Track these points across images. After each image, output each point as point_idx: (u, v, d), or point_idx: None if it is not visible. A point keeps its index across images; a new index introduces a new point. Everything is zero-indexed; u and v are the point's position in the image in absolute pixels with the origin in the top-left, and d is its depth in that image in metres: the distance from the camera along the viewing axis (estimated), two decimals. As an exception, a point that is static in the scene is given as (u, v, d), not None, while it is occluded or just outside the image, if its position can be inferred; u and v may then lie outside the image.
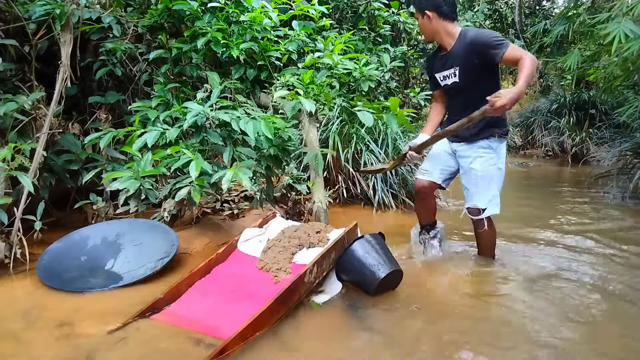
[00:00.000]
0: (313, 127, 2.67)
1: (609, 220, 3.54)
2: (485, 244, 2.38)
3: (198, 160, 1.91)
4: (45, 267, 2.02)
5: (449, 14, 2.15)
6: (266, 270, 1.91)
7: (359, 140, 3.76)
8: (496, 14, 10.01)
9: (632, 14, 3.63)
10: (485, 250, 2.40)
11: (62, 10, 2.27)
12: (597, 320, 1.79)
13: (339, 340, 1.59)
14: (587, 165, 7.21)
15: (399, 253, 2.42)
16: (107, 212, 2.53)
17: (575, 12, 5.20)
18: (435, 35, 2.20)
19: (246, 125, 2.00)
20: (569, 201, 4.42)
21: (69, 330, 1.58)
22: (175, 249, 2.17)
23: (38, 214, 2.15)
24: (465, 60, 2.11)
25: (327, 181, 3.58)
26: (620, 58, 4.03)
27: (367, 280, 1.90)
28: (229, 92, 2.69)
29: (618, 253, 2.68)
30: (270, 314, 1.60)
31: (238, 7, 2.69)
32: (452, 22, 2.17)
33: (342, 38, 2.85)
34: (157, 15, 2.69)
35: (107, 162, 2.54)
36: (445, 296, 2.01)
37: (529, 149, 9.49)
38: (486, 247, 2.39)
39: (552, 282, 2.18)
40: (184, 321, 1.64)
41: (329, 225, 2.26)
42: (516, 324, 1.74)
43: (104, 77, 2.71)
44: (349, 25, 4.59)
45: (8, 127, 2.23)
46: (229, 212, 2.83)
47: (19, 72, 2.47)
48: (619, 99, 6.96)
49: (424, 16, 2.18)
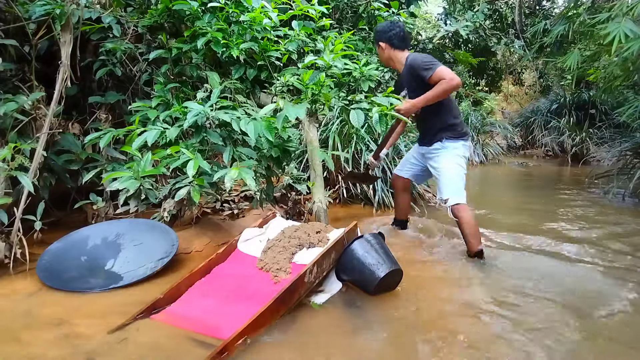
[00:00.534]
0: (313, 127, 2.67)
1: (609, 221, 3.54)
2: (465, 233, 2.49)
3: (196, 159, 1.90)
4: (45, 267, 2.02)
5: (399, 44, 2.59)
6: (266, 270, 1.91)
7: (359, 140, 3.76)
8: (496, 14, 10.00)
9: (632, 14, 3.63)
10: (467, 237, 2.49)
11: (62, 10, 2.27)
12: (599, 321, 1.79)
13: (339, 340, 1.59)
14: (587, 165, 7.21)
15: (398, 253, 2.42)
16: (107, 212, 2.53)
17: (575, 12, 5.20)
18: (389, 61, 2.66)
19: (247, 126, 2.00)
20: (569, 201, 4.42)
21: (69, 330, 1.58)
22: (175, 249, 2.17)
23: (38, 214, 2.15)
24: (408, 82, 2.53)
25: (327, 181, 3.58)
26: (620, 58, 4.03)
27: (367, 279, 1.90)
28: (229, 92, 2.69)
29: (618, 253, 2.68)
30: (271, 314, 1.60)
31: (238, 7, 2.69)
32: (402, 51, 2.60)
33: (342, 38, 2.85)
34: (157, 15, 2.68)
35: (107, 162, 2.54)
36: (445, 296, 2.01)
37: (529, 149, 9.49)
38: (467, 235, 2.49)
39: (552, 282, 2.18)
40: (184, 321, 1.64)
41: (329, 225, 2.26)
42: (516, 322, 1.74)
43: (104, 77, 2.70)
44: (349, 25, 4.59)
45: (8, 127, 2.23)
46: (229, 212, 2.83)
47: (19, 72, 2.47)
48: (619, 99, 6.96)
49: (378, 47, 2.64)
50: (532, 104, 10.55)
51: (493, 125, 9.12)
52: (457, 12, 9.22)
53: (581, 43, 5.39)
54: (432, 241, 2.83)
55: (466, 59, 7.64)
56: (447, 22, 8.66)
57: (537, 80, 12.23)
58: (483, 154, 8.10)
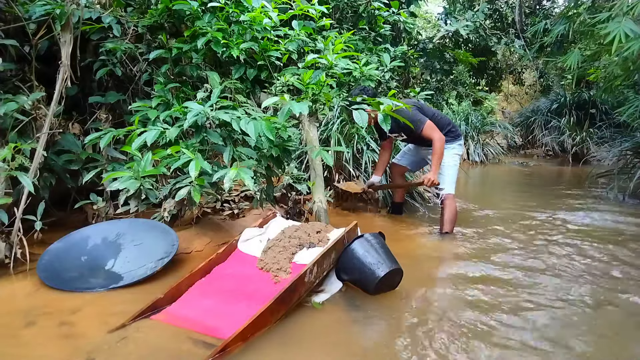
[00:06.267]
0: (313, 127, 2.67)
1: (609, 220, 3.54)
2: (446, 217, 3.00)
3: (198, 160, 1.90)
4: (45, 267, 2.02)
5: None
6: (266, 270, 1.91)
7: (360, 140, 3.76)
8: (496, 14, 10.00)
9: (632, 13, 3.63)
10: (446, 221, 3.00)
11: (62, 10, 2.27)
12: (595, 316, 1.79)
13: (339, 340, 1.59)
14: (587, 165, 7.21)
15: (399, 252, 2.42)
16: (107, 212, 2.52)
17: (576, 11, 5.20)
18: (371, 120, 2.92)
19: (247, 126, 1.99)
20: (569, 201, 4.42)
21: (69, 330, 1.58)
22: (176, 249, 2.17)
23: (38, 214, 2.15)
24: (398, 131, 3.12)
25: (327, 181, 3.58)
26: (621, 57, 4.03)
27: (367, 279, 1.90)
28: (229, 92, 2.69)
29: (618, 253, 2.68)
30: (271, 314, 1.60)
31: (238, 7, 2.69)
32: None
33: (342, 38, 2.85)
34: (157, 15, 2.68)
35: (107, 162, 2.54)
36: (446, 295, 2.01)
37: (529, 149, 9.50)
38: (446, 219, 3.00)
39: (550, 283, 2.18)
40: (184, 321, 1.64)
41: (329, 225, 2.26)
42: (516, 320, 1.74)
43: (104, 77, 2.70)
44: (349, 25, 4.58)
45: (8, 127, 2.23)
46: (229, 212, 2.82)
47: (19, 72, 2.47)
48: (619, 99, 6.96)
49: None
50: (532, 104, 10.55)
51: (493, 125, 9.12)
52: (457, 12, 9.21)
53: (581, 43, 5.39)
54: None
55: (466, 59, 7.64)
56: (447, 22, 8.65)
57: (537, 80, 12.23)
58: (483, 154, 8.10)
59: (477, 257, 2.52)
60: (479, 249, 2.72)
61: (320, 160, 2.59)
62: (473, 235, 3.00)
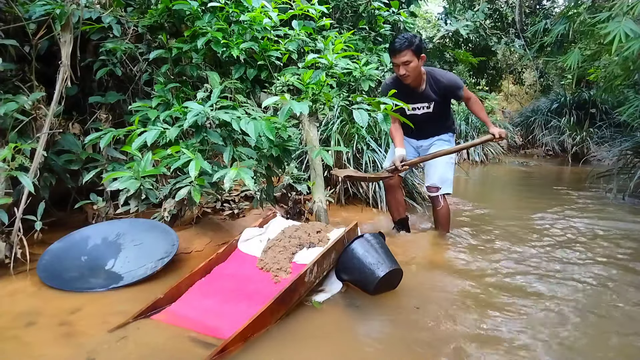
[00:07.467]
0: (313, 127, 2.67)
1: (609, 220, 3.54)
2: (442, 220, 2.90)
3: (198, 160, 1.90)
4: (45, 267, 2.02)
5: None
6: (266, 270, 1.91)
7: (360, 140, 3.76)
8: (496, 14, 10.01)
9: (632, 13, 3.63)
10: (441, 225, 2.92)
11: (62, 10, 2.27)
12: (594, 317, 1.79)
13: (339, 340, 1.59)
14: (587, 165, 7.21)
15: (398, 253, 2.42)
16: (107, 212, 2.52)
17: (576, 11, 5.20)
18: (420, 75, 2.63)
19: (247, 126, 1.99)
20: (569, 200, 4.42)
21: (69, 330, 1.58)
22: (176, 248, 2.17)
23: (38, 214, 2.15)
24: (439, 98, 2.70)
25: (327, 181, 3.58)
26: (621, 57, 4.03)
27: (367, 279, 1.90)
28: (229, 92, 2.69)
29: (617, 253, 2.68)
30: (271, 314, 1.60)
31: (238, 7, 2.69)
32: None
33: (342, 38, 2.85)
34: (157, 15, 2.68)
35: (107, 162, 2.54)
36: (446, 295, 2.01)
37: (529, 149, 9.49)
38: (443, 222, 2.91)
39: (550, 283, 2.18)
40: (184, 321, 1.64)
41: (329, 225, 2.26)
42: (515, 322, 1.74)
43: (104, 77, 2.70)
44: (349, 24, 4.58)
45: (8, 127, 2.23)
46: (229, 212, 2.82)
47: (19, 72, 2.47)
48: (620, 98, 6.95)
49: (419, 59, 2.54)
50: (532, 104, 10.55)
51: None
52: (457, 12, 9.21)
53: (581, 42, 5.39)
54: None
55: (466, 59, 7.65)
56: (447, 22, 8.65)
57: (537, 80, 12.23)
58: (483, 154, 8.09)
59: (478, 257, 2.52)
60: (480, 249, 2.72)
61: (320, 160, 2.59)
62: (473, 235, 3.00)
